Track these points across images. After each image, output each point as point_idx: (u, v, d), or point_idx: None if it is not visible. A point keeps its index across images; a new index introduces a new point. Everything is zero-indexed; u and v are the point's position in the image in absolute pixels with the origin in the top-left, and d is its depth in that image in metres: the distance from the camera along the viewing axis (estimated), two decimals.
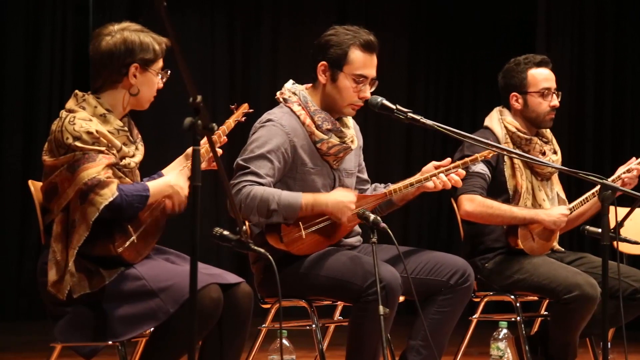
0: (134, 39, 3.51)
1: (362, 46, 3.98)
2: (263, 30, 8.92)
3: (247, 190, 3.83)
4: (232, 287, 3.50)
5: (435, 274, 4.03)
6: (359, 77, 3.98)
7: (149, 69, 3.54)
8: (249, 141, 3.98)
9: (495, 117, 4.74)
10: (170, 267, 3.52)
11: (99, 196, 3.34)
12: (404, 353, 4.07)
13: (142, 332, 3.43)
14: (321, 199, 3.90)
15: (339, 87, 3.99)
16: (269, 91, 8.54)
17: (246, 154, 3.93)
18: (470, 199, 4.53)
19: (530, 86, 4.70)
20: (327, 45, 4.01)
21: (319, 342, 4.01)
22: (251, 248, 3.18)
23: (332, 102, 4.02)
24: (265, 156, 3.91)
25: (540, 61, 4.73)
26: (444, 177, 4.00)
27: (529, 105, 4.70)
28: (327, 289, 3.93)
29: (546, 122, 4.72)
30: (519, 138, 4.67)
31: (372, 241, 3.58)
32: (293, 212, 3.85)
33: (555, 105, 4.71)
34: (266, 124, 3.98)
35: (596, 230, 3.84)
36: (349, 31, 4.01)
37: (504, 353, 4.64)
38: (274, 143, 3.93)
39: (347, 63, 3.98)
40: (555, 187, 4.80)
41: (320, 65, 4.02)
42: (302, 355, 5.08)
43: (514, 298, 4.55)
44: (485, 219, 4.56)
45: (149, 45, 3.52)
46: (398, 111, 3.63)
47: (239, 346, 3.55)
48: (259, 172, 3.88)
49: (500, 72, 4.81)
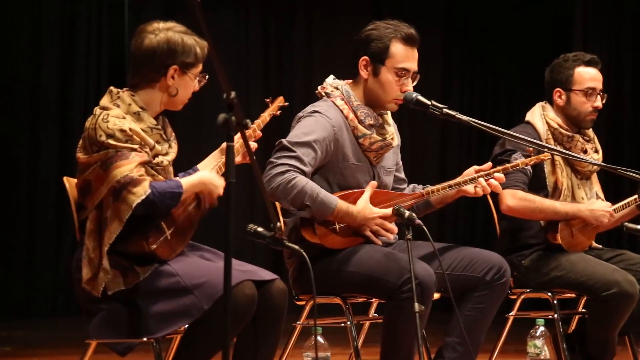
0: (177, 40, 3.49)
1: (404, 39, 3.97)
2: (297, 25, 8.91)
3: (292, 176, 3.79)
4: (266, 283, 3.49)
5: (471, 270, 4.00)
6: (401, 70, 3.96)
7: (188, 72, 3.53)
8: (295, 128, 3.94)
9: (538, 112, 4.70)
10: (204, 263, 3.51)
11: (132, 194, 3.34)
12: (440, 350, 4.04)
13: (177, 328, 3.43)
14: (352, 213, 3.86)
15: (381, 82, 3.97)
16: (302, 86, 8.55)
17: (293, 137, 3.90)
18: (512, 194, 4.49)
19: (575, 84, 4.65)
20: (369, 40, 3.99)
21: (353, 339, 3.99)
22: (285, 245, 3.17)
23: (375, 97, 4.00)
24: (311, 144, 3.88)
25: (589, 60, 4.69)
26: (483, 181, 3.97)
27: (572, 103, 4.65)
28: (361, 285, 3.91)
29: (586, 122, 4.67)
30: (560, 135, 4.63)
31: (407, 238, 3.57)
32: (324, 213, 3.83)
33: (598, 107, 4.66)
34: (313, 114, 3.96)
35: (636, 227, 3.80)
36: (389, 25, 4.00)
37: (541, 351, 4.61)
38: (320, 133, 3.91)
39: (389, 57, 3.96)
40: (594, 187, 4.76)
41: (362, 60, 4.00)
42: (337, 352, 5.07)
43: (551, 295, 4.51)
44: (528, 214, 4.52)
45: (191, 49, 3.51)
46: (433, 107, 3.62)
47: (273, 343, 3.54)
48: (303, 159, 3.85)
49: (548, 66, 4.77)
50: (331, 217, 3.85)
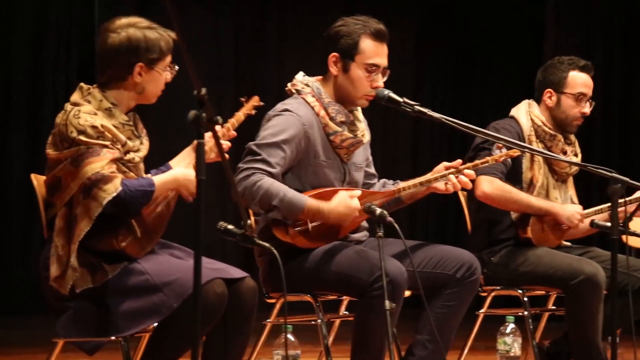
0: (139, 37, 3.46)
1: (373, 35, 3.96)
2: (270, 22, 8.89)
3: (256, 178, 3.79)
4: (236, 281, 3.48)
5: (442, 267, 4.01)
6: (371, 66, 3.95)
7: (155, 67, 3.49)
8: (263, 128, 3.93)
9: (523, 108, 4.72)
10: (174, 261, 3.49)
11: (103, 191, 3.31)
12: (410, 348, 4.05)
13: (146, 327, 3.41)
14: (324, 210, 3.83)
15: (351, 78, 3.96)
16: (275, 84, 8.51)
17: (259, 140, 3.89)
18: (490, 180, 4.50)
19: (567, 87, 4.68)
20: (338, 36, 3.98)
21: (324, 337, 3.98)
22: (256, 242, 3.15)
23: (346, 94, 3.99)
24: (279, 145, 3.87)
25: (583, 65, 4.72)
26: (453, 178, 3.96)
27: (561, 106, 4.67)
28: (332, 283, 3.90)
29: (572, 127, 4.70)
30: (543, 132, 4.65)
31: (378, 235, 3.56)
32: (294, 213, 3.81)
33: (585, 113, 4.69)
34: (283, 113, 3.95)
35: (604, 224, 3.82)
36: (358, 21, 3.99)
37: (510, 348, 4.62)
38: (289, 133, 3.89)
39: (359, 53, 3.95)
40: (569, 191, 4.79)
41: (331, 57, 3.99)
42: (307, 350, 5.05)
43: (521, 293, 4.52)
44: (502, 203, 4.53)
45: (155, 44, 3.47)
46: (405, 104, 3.61)
47: (243, 341, 3.53)
48: (269, 161, 3.84)
49: (542, 66, 4.80)
50: (302, 217, 3.83)
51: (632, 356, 3.89)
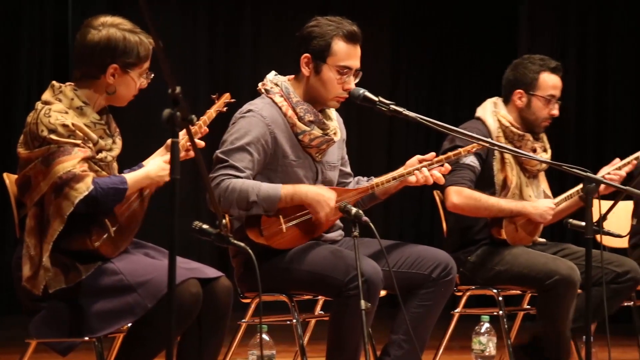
0: (118, 38, 3.43)
1: (346, 37, 3.94)
2: (244, 21, 8.86)
3: (226, 183, 3.79)
4: (211, 281, 3.46)
5: (417, 267, 4.00)
6: (343, 68, 3.93)
7: (129, 71, 3.46)
8: (229, 132, 3.93)
9: (489, 109, 4.70)
10: (149, 261, 3.47)
11: (74, 190, 3.29)
12: (386, 347, 4.04)
13: (120, 327, 3.39)
14: (302, 189, 3.86)
15: (323, 79, 3.94)
16: (250, 83, 8.48)
17: (225, 146, 3.89)
18: (458, 191, 4.50)
19: (538, 89, 4.67)
20: (310, 37, 3.96)
21: (299, 337, 3.97)
22: (231, 242, 3.14)
23: (317, 95, 3.97)
24: (245, 148, 3.86)
25: (555, 67, 4.71)
26: (426, 171, 3.95)
27: (531, 107, 4.67)
28: (307, 283, 3.89)
29: (540, 127, 4.71)
30: (512, 133, 4.64)
31: (354, 235, 3.55)
32: (273, 203, 3.80)
33: (554, 114, 4.69)
34: (246, 115, 3.94)
35: (579, 224, 3.82)
36: (331, 22, 3.96)
37: (485, 347, 4.62)
38: (253, 134, 3.88)
39: (331, 54, 3.93)
40: (541, 185, 4.80)
41: (303, 58, 3.97)
42: (282, 350, 5.04)
43: (496, 292, 4.53)
44: (473, 212, 4.54)
45: (133, 48, 3.44)
46: (380, 103, 3.60)
47: (218, 341, 3.51)
48: (237, 166, 3.83)
49: (511, 64, 4.76)
50: (282, 204, 3.81)
51: (607, 355, 3.89)
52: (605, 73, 8.49)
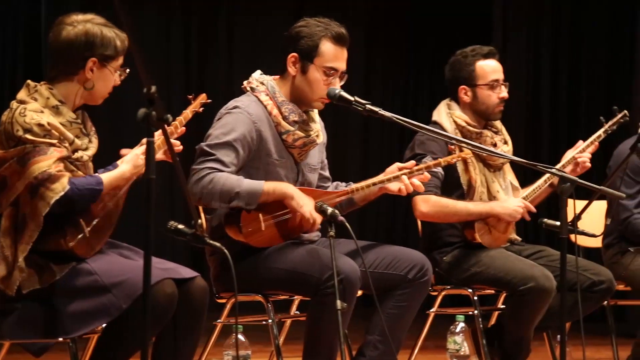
0: (95, 32, 3.42)
1: (334, 38, 3.95)
2: (219, 21, 8.84)
3: (211, 177, 3.79)
4: (186, 281, 3.44)
5: (393, 268, 4.01)
6: (329, 69, 3.94)
7: (108, 65, 3.46)
8: (215, 127, 3.92)
9: (444, 111, 4.70)
10: (124, 261, 3.45)
11: (50, 190, 3.27)
12: (361, 348, 4.04)
13: (94, 328, 3.37)
14: (282, 185, 3.86)
15: (309, 80, 3.95)
16: (224, 83, 8.48)
17: (211, 140, 3.87)
18: (425, 199, 4.49)
19: (479, 78, 4.65)
20: (298, 37, 3.96)
21: (275, 338, 3.97)
22: (207, 242, 3.13)
23: (302, 95, 3.98)
24: (231, 144, 3.86)
25: (487, 52, 4.69)
26: (406, 179, 3.96)
27: (479, 98, 4.66)
28: (284, 282, 3.89)
29: (495, 114, 4.69)
30: (469, 132, 4.64)
31: (330, 235, 3.55)
32: (255, 196, 3.80)
33: (504, 97, 4.67)
34: (233, 111, 3.93)
35: (554, 223, 3.83)
36: (320, 23, 3.97)
37: (460, 347, 4.63)
38: (239, 131, 3.88)
39: (318, 55, 3.94)
40: (508, 176, 4.78)
41: (290, 57, 3.97)
42: (258, 350, 5.04)
43: (471, 292, 4.54)
44: (442, 218, 4.54)
45: (110, 41, 3.44)
46: (356, 103, 3.59)
47: (193, 342, 3.50)
48: (223, 160, 3.83)
49: (447, 64, 4.77)
50: (263, 198, 3.80)
51: (581, 355, 3.91)
52: (580, 70, 8.53)
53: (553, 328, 4.69)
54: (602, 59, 8.46)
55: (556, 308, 4.44)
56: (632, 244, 4.98)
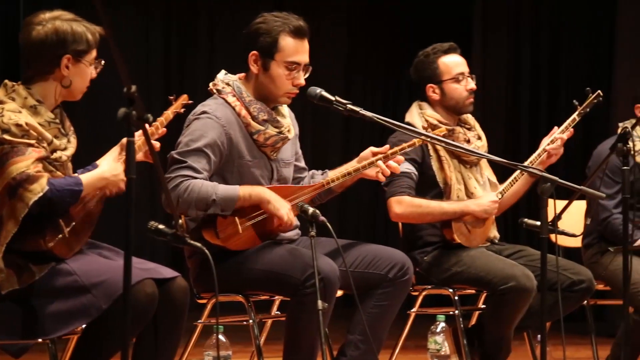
0: (66, 28, 3.41)
1: (292, 32, 3.93)
2: (199, 20, 8.82)
3: (185, 184, 3.77)
4: (167, 281, 3.43)
5: (374, 267, 4.00)
6: (291, 64, 3.92)
7: (82, 60, 3.44)
8: (184, 134, 3.90)
9: (415, 111, 4.71)
10: (103, 262, 3.43)
11: (28, 191, 3.24)
12: (342, 348, 4.04)
13: (74, 329, 3.35)
14: (259, 188, 3.85)
15: (272, 76, 3.93)
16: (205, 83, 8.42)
17: (181, 148, 3.86)
18: (399, 201, 4.50)
19: (444, 74, 4.67)
20: (257, 34, 3.94)
21: (256, 338, 3.96)
22: (187, 242, 3.12)
23: (267, 92, 3.96)
24: (202, 150, 3.84)
25: (448, 48, 4.72)
26: (382, 164, 3.96)
27: (447, 93, 4.67)
28: (264, 282, 3.88)
29: (466, 106, 4.69)
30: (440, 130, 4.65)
31: (311, 234, 3.54)
32: (231, 202, 3.79)
33: (472, 89, 4.68)
34: (201, 117, 3.91)
35: (534, 223, 3.84)
36: (277, 18, 3.95)
37: (441, 347, 4.64)
38: (209, 137, 3.86)
39: (278, 51, 3.92)
40: (485, 172, 4.78)
41: (251, 55, 3.96)
42: (238, 350, 5.03)
43: (452, 291, 4.54)
44: (416, 219, 4.54)
45: (81, 36, 3.42)
46: (337, 103, 3.58)
47: (174, 342, 3.49)
48: (195, 167, 3.81)
49: (412, 67, 4.78)
50: (239, 203, 3.79)
51: (561, 354, 3.92)
52: (559, 71, 8.57)
53: (533, 328, 4.70)
54: (581, 56, 8.50)
55: (536, 308, 4.44)
56: (611, 244, 4.99)
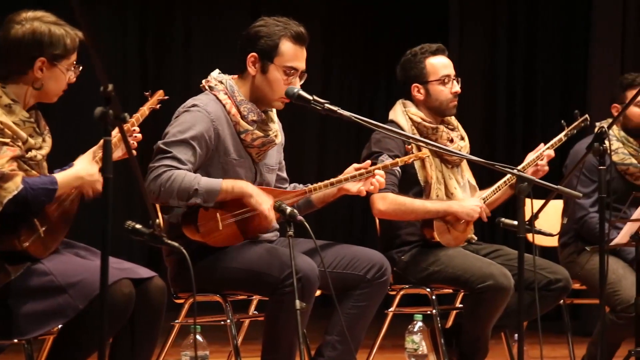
0: (43, 30, 3.37)
1: (294, 38, 3.95)
2: (175, 20, 8.79)
3: (168, 174, 3.76)
4: (144, 281, 3.41)
5: (352, 268, 4.00)
6: (289, 69, 3.94)
7: (58, 64, 3.40)
8: (172, 124, 3.89)
9: (399, 109, 4.72)
10: (80, 261, 3.41)
11: (3, 190, 3.22)
12: (320, 348, 4.03)
13: (50, 329, 3.33)
14: (242, 182, 3.85)
15: (269, 79, 3.94)
16: (181, 83, 8.41)
17: (168, 138, 3.85)
18: (382, 197, 4.50)
19: (430, 75, 4.68)
20: (257, 36, 3.95)
21: (233, 338, 3.95)
22: (165, 242, 3.10)
23: (262, 95, 3.97)
24: (188, 142, 3.83)
25: (436, 49, 4.72)
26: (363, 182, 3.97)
27: (431, 95, 4.68)
28: (242, 281, 3.87)
29: (450, 109, 4.71)
30: (425, 128, 4.66)
31: (289, 234, 3.54)
32: (213, 193, 3.78)
33: (456, 92, 4.69)
34: (191, 109, 3.91)
35: (512, 223, 3.85)
36: (279, 22, 3.96)
37: (418, 346, 4.64)
38: (197, 129, 3.85)
39: (278, 55, 3.93)
40: (465, 174, 4.80)
41: (250, 57, 3.96)
42: (215, 350, 5.02)
43: (429, 291, 4.54)
44: (399, 216, 4.54)
45: (59, 39, 3.39)
46: (315, 102, 3.58)
47: (151, 343, 3.47)
48: (180, 158, 3.80)
49: (398, 65, 4.79)
50: (221, 196, 3.78)
51: (538, 353, 3.93)
52: (535, 66, 8.60)
53: (510, 327, 4.71)
54: (557, 55, 8.54)
55: (513, 307, 4.45)
56: (587, 243, 5.00)
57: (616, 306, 4.79)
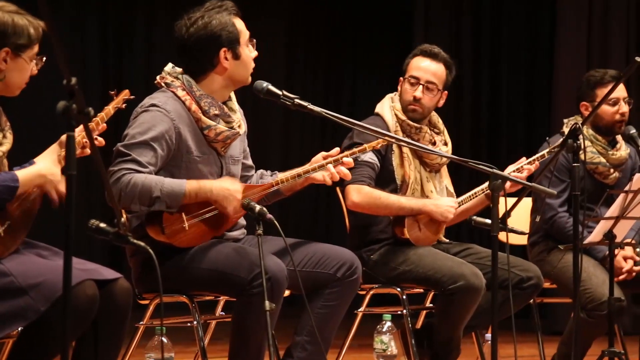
0: (7, 20, 3.28)
1: (236, 13, 3.94)
2: (137, 15, 8.71)
3: (127, 178, 3.66)
4: (108, 283, 3.32)
5: (322, 266, 3.94)
6: (250, 40, 3.96)
7: (22, 54, 3.31)
8: (131, 126, 3.79)
9: (387, 104, 4.69)
10: (41, 262, 3.32)
11: None
12: (289, 349, 3.97)
13: (9, 332, 3.23)
14: (206, 185, 3.76)
15: (244, 60, 3.92)
16: (143, 79, 8.31)
17: (127, 140, 3.75)
18: (358, 189, 4.46)
19: (407, 72, 4.67)
20: (214, 33, 3.88)
21: (200, 339, 3.87)
22: (130, 241, 3.01)
23: (240, 79, 3.93)
24: (148, 143, 3.73)
25: (427, 51, 4.68)
26: (332, 168, 3.91)
27: (400, 90, 4.67)
28: (209, 282, 3.79)
29: (407, 112, 4.65)
30: (408, 126, 4.62)
31: (258, 233, 3.48)
32: (176, 199, 3.68)
33: (415, 97, 4.61)
34: (150, 109, 3.80)
35: (484, 221, 3.81)
36: (217, 8, 3.92)
37: (387, 346, 4.60)
38: (157, 130, 3.76)
39: (240, 35, 3.91)
40: (444, 180, 4.77)
41: (222, 54, 3.87)
42: (180, 351, 4.95)
43: (400, 291, 4.49)
44: (373, 210, 4.50)
45: (23, 29, 3.30)
46: (284, 97, 3.51)
47: (116, 346, 3.39)
48: (140, 161, 3.70)
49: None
50: (186, 200, 3.70)
51: (512, 351, 3.89)
52: (500, 67, 8.63)
53: (481, 327, 4.68)
54: (523, 46, 8.60)
55: (484, 307, 4.43)
56: (557, 242, 4.99)
57: (587, 304, 4.77)
